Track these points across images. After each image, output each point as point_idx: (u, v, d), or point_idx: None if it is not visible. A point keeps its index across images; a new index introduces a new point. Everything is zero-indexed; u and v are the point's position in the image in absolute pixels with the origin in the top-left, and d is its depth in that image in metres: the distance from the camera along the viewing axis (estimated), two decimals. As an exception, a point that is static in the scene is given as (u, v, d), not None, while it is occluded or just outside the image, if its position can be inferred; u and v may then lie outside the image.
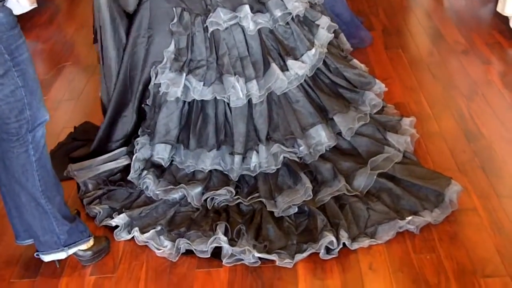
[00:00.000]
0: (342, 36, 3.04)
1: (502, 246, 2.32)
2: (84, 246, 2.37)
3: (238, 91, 2.57)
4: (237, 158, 2.61)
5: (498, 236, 2.36)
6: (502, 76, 3.52)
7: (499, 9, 4.02)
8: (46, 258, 2.34)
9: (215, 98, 2.62)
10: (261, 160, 2.62)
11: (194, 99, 2.65)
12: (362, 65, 2.99)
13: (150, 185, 2.63)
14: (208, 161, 2.65)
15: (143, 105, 2.80)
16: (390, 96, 3.33)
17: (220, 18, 2.56)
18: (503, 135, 2.97)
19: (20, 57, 1.97)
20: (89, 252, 2.39)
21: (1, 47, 1.92)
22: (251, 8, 2.57)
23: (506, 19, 3.98)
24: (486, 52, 3.79)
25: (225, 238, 2.35)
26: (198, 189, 2.58)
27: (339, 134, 2.72)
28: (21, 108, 2.03)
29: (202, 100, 2.65)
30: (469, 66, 3.66)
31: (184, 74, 2.60)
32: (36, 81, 2.06)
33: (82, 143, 3.10)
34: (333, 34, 2.81)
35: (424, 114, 3.18)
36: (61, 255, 2.33)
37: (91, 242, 2.39)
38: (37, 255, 2.34)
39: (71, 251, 2.34)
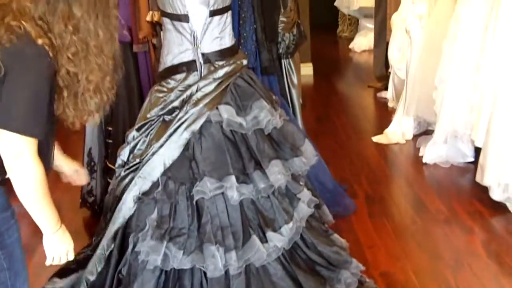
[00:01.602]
0: (324, 207, 3.09)
1: None
2: None
3: (217, 260, 2.54)
4: None
5: None
6: (485, 246, 3.54)
7: (477, 179, 4.15)
8: None
9: (193, 267, 2.59)
10: None
11: (171, 268, 2.61)
12: (343, 240, 3.01)
13: None
14: None
15: (119, 275, 2.70)
16: (375, 265, 3.32)
17: (207, 187, 2.61)
18: (491, 307, 2.94)
19: (9, 239, 1.93)
20: None
21: None
22: (237, 179, 2.64)
23: (485, 188, 4.09)
24: (468, 221, 3.85)
25: None
26: None
27: None
28: None
29: (179, 270, 2.61)
30: (453, 235, 3.70)
31: (165, 242, 2.58)
32: (22, 262, 1.99)
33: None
34: (313, 209, 2.86)
35: (410, 284, 3.14)
36: None
37: None
38: None
39: None
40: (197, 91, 2.74)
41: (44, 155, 1.92)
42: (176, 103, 2.74)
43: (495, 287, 3.11)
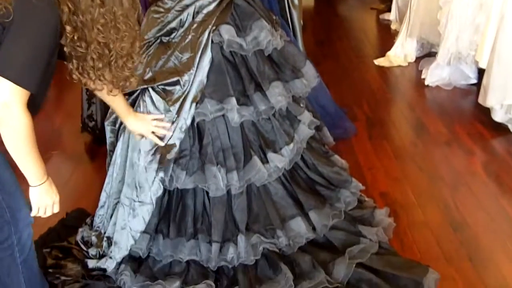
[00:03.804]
0: (325, 129, 3.09)
1: None
2: None
3: (219, 180, 2.57)
4: (215, 246, 2.58)
5: (487, 328, 2.33)
6: (485, 166, 3.57)
7: (480, 100, 4.13)
8: None
9: (195, 187, 2.62)
10: (240, 250, 2.59)
11: (174, 188, 2.64)
12: (343, 161, 3.03)
13: (127, 281, 2.57)
14: (186, 251, 2.61)
15: None
16: (375, 186, 3.36)
17: (207, 109, 2.59)
18: (489, 225, 2.98)
19: None
20: None
21: None
22: (237, 101, 2.62)
23: (487, 110, 4.08)
24: (469, 142, 3.86)
25: None
26: (176, 283, 2.53)
27: (313, 229, 2.72)
28: None
29: (182, 189, 2.64)
30: (453, 157, 3.72)
31: (172, 164, 2.60)
32: (15, 183, 2.01)
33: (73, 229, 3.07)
34: (313, 131, 2.86)
35: (409, 204, 3.19)
36: None
37: None
38: None
39: None
40: (196, 12, 2.67)
41: (35, 106, 1.91)
42: (173, 24, 2.68)
43: (494, 207, 3.15)
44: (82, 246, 2.85)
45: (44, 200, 2.00)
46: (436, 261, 2.66)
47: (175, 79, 2.56)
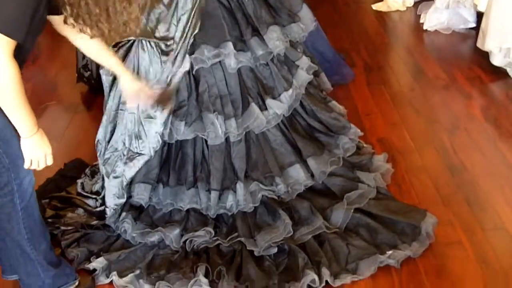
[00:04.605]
0: (322, 75, 3.06)
1: (488, 279, 2.30)
2: (69, 288, 2.32)
3: (217, 128, 2.56)
4: (214, 194, 2.60)
5: (484, 269, 2.35)
6: (483, 110, 3.55)
7: (479, 44, 4.09)
8: None
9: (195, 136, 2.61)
10: (239, 198, 2.61)
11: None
12: (341, 107, 3.02)
13: (129, 229, 2.60)
14: (186, 199, 2.63)
15: None
16: (372, 131, 3.35)
17: (204, 54, 2.55)
18: (486, 168, 2.99)
19: None
20: None
21: None
22: (234, 46, 2.58)
23: (486, 54, 4.04)
24: (467, 86, 3.84)
25: (205, 280, 2.32)
26: (176, 231, 2.56)
27: (312, 175, 2.73)
28: None
29: (181, 139, 2.63)
30: (451, 101, 3.70)
31: (170, 117, 2.58)
32: (11, 130, 1.95)
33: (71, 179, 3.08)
34: (312, 76, 2.83)
35: (407, 149, 3.19)
36: (46, 299, 2.27)
37: (76, 283, 2.34)
38: None
39: (56, 294, 2.29)
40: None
41: (20, 57, 1.87)
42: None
43: (491, 150, 3.15)
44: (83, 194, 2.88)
45: (36, 152, 1.98)
46: (434, 205, 2.68)
47: (172, 33, 2.51)
